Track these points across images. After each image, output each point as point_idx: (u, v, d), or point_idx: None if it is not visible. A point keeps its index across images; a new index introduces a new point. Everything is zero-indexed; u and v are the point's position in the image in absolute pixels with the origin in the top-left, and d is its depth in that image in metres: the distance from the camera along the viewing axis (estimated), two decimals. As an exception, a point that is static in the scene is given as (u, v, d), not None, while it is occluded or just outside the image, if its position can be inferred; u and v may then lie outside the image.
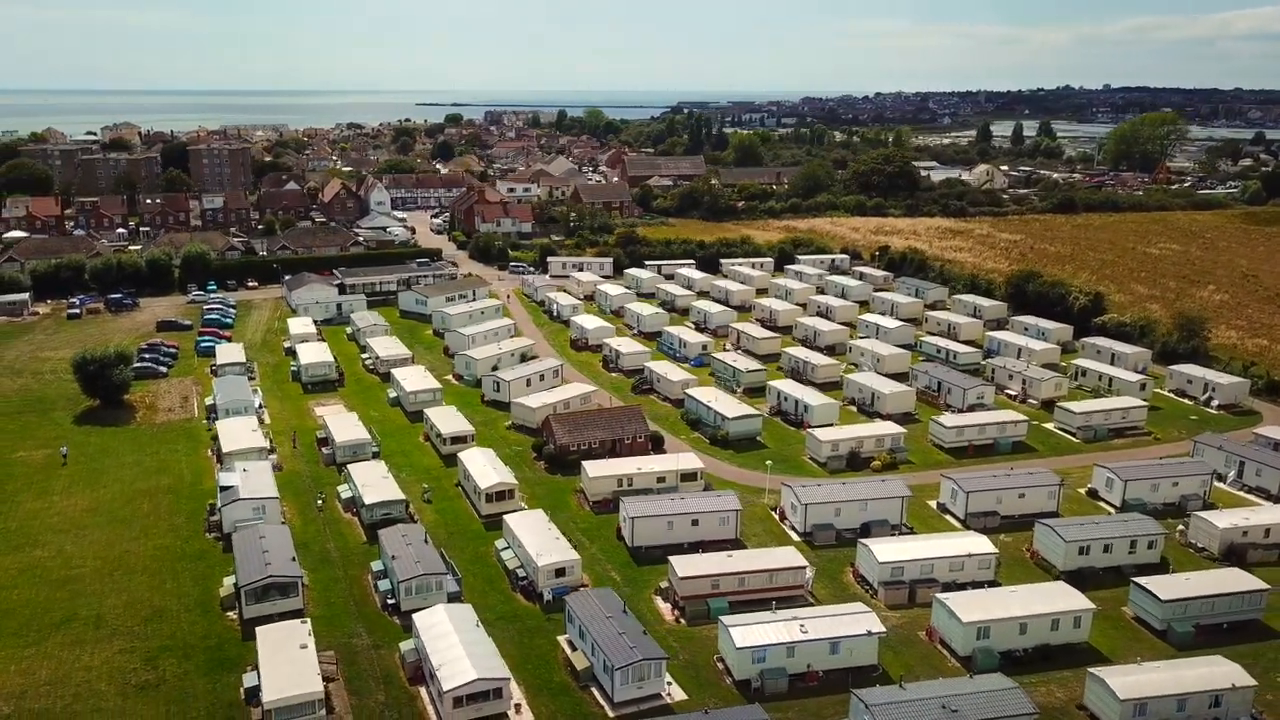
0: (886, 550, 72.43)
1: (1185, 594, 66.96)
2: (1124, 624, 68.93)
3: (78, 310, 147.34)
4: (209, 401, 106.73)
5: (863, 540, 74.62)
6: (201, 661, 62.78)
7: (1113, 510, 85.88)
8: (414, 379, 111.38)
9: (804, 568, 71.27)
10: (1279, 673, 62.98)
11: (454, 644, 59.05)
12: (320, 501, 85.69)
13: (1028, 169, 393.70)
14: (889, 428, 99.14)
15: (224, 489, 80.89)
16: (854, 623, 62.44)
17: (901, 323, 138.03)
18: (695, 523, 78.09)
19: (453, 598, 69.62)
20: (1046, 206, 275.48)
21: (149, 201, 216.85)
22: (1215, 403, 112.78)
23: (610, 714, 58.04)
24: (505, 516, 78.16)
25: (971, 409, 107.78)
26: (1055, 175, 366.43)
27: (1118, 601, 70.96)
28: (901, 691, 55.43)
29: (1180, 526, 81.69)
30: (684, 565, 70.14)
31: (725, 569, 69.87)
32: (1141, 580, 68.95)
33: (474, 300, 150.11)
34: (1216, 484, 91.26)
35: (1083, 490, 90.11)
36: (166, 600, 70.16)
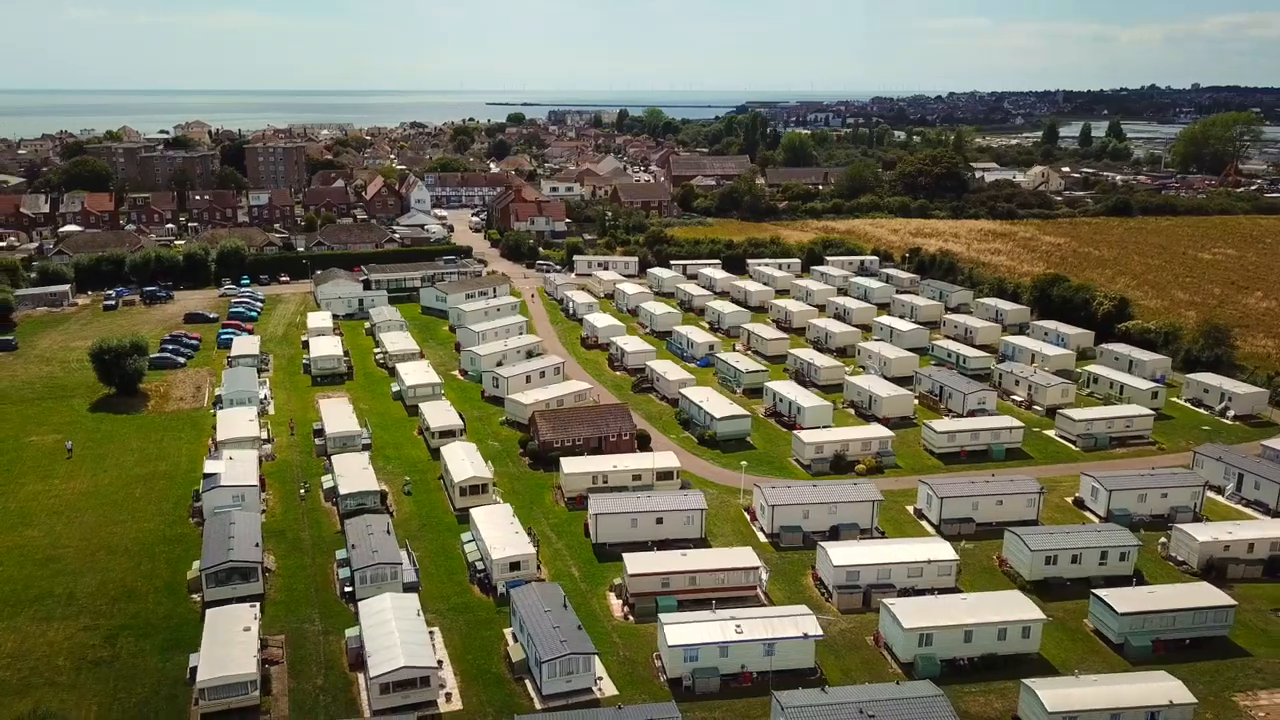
0: (843, 554, 71.77)
1: (1144, 607, 65.14)
2: (1083, 636, 67.32)
3: (113, 302, 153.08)
4: (218, 392, 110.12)
5: (822, 544, 74.04)
6: (158, 641, 65.05)
7: (1097, 520, 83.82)
8: (415, 373, 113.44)
9: (756, 568, 71.01)
10: (1234, 692, 60.95)
11: (390, 632, 60.30)
12: (303, 491, 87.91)
13: (1090, 171, 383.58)
14: (877, 431, 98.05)
15: (207, 476, 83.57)
16: (791, 625, 62.11)
17: (916, 326, 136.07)
18: (660, 521, 78.28)
19: (409, 588, 71.01)
20: (1100, 209, 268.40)
21: (198, 198, 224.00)
22: (1231, 413, 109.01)
23: (538, 706, 58.66)
24: (472, 510, 79.37)
25: (972, 414, 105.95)
26: (1119, 177, 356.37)
27: (1082, 613, 69.33)
28: (823, 695, 55.03)
29: (1163, 539, 79.31)
30: (635, 563, 70.47)
31: (676, 568, 70.01)
32: (1101, 592, 67.27)
33: (494, 297, 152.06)
34: (1215, 497, 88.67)
35: (1070, 500, 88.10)
36: (139, 581, 72.80)
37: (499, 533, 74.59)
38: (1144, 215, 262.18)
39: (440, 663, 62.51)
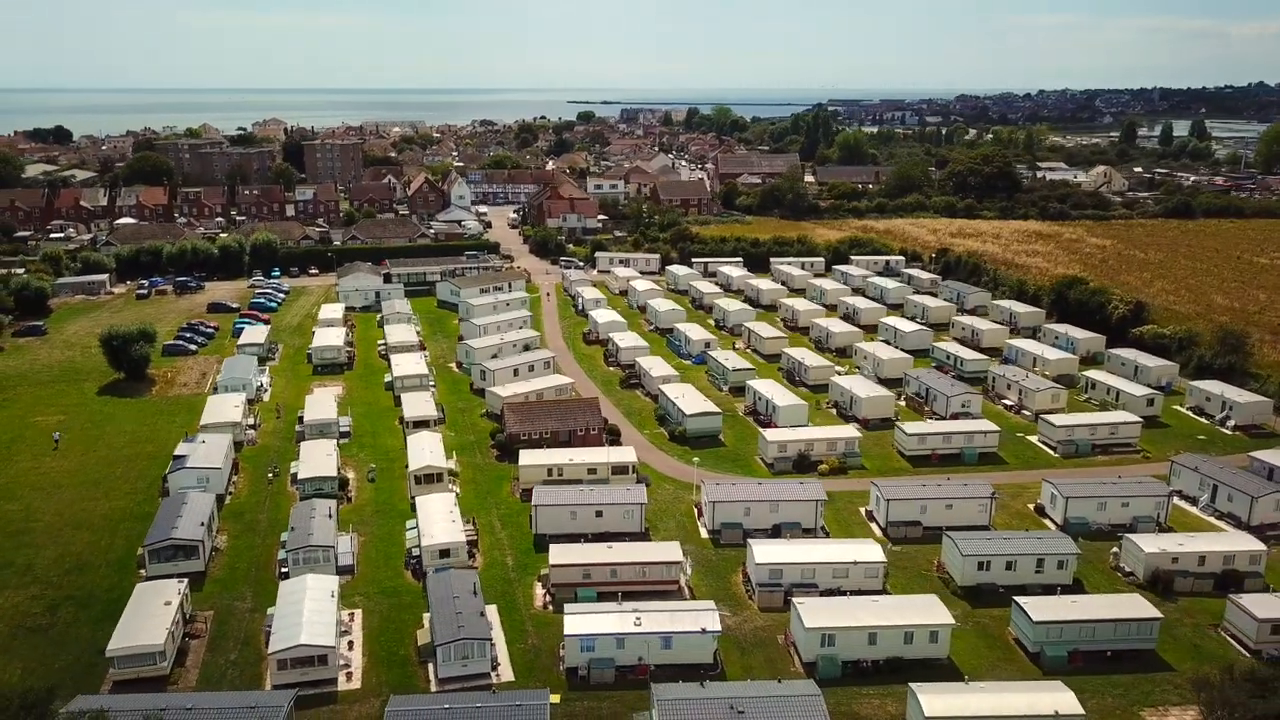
0: (766, 552, 71.60)
1: (1061, 616, 63.57)
2: (1003, 644, 65.96)
3: (146, 291, 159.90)
4: (216, 379, 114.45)
5: (750, 541, 73.97)
6: (96, 612, 68.29)
7: (1054, 528, 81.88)
8: (406, 364, 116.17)
9: (678, 563, 71.28)
10: (1144, 706, 59.18)
11: (298, 611, 62.37)
12: (272, 475, 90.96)
13: (1164, 171, 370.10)
14: (843, 432, 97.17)
15: (176, 457, 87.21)
16: (691, 620, 62.35)
17: (920, 327, 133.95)
18: (599, 514, 79.08)
19: (343, 570, 73.25)
20: (1159, 211, 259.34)
21: (246, 192, 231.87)
22: (1232, 423, 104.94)
23: (433, 688, 60.06)
24: (417, 498, 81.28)
25: (955, 417, 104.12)
26: (1192, 178, 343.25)
27: (1009, 621, 67.97)
28: (700, 689, 55.28)
29: (1114, 549, 77.05)
30: (558, 554, 71.48)
31: (598, 560, 70.76)
32: (1021, 600, 65.84)
33: (509, 292, 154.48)
34: (1189, 508, 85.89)
35: (1032, 506, 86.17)
36: (95, 555, 76.49)
37: (437, 520, 76.29)
38: (1206, 217, 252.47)
39: (351, 643, 64.56)
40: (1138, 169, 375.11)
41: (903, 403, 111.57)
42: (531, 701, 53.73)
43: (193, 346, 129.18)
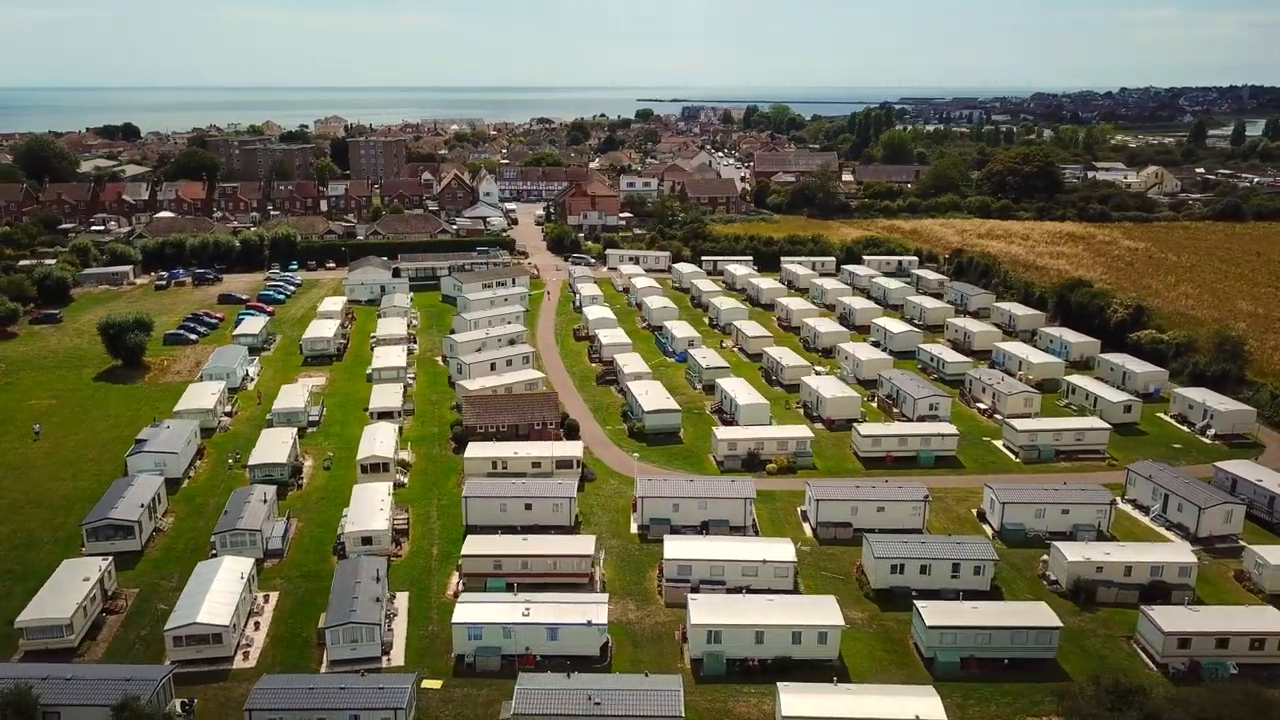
0: (676, 548, 71.95)
1: (955, 622, 62.68)
2: (903, 649, 65.26)
3: (165, 283, 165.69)
4: (204, 366, 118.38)
5: (666, 537, 74.31)
6: (31, 586, 71.00)
7: (991, 533, 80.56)
8: (386, 357, 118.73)
9: (588, 556, 71.91)
10: (1028, 715, 58.11)
11: (203, 591, 64.64)
12: (232, 461, 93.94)
13: (1227, 172, 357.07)
14: (796, 431, 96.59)
15: (137, 441, 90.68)
16: (579, 612, 63.01)
17: (909, 328, 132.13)
18: (529, 507, 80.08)
19: (271, 554, 75.61)
20: (1207, 213, 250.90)
21: (282, 188, 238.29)
22: (1212, 431, 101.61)
23: (322, 669, 61.75)
24: (356, 486, 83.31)
25: (922, 419, 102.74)
26: (1256, 179, 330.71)
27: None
28: (565, 680, 56.00)
29: (1044, 557, 75.48)
30: (471, 544, 72.85)
31: (509, 551, 71.86)
32: (920, 604, 65.06)
33: (511, 288, 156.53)
34: (1140, 517, 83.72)
35: (975, 511, 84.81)
36: (45, 533, 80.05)
37: (366, 508, 78.16)
38: (1258, 220, 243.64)
39: (258, 624, 66.71)
40: (1200, 170, 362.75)
41: (875, 404, 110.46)
42: (395, 685, 55.01)
43: (193, 336, 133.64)
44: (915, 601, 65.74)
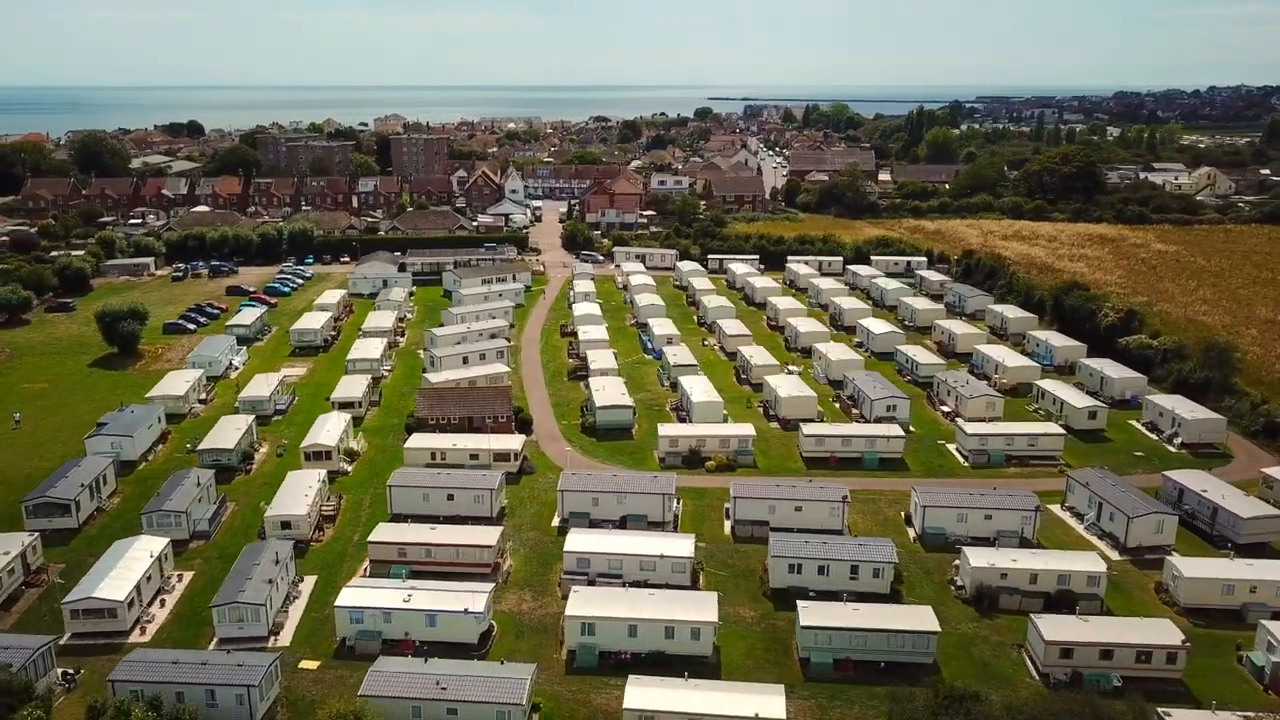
0: (577, 541, 72.73)
1: (830, 623, 62.25)
2: (784, 648, 64.95)
3: (181, 274, 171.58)
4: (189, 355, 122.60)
5: (571, 530, 75.11)
6: (-32, 559, 75.31)
7: (913, 536, 79.63)
8: (363, 349, 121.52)
9: (490, 546, 73.00)
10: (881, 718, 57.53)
11: (109, 568, 67.50)
12: (190, 445, 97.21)
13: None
14: (739, 430, 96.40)
15: (98, 424, 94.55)
16: (458, 601, 64.18)
17: (891, 329, 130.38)
18: (451, 497, 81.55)
19: (199, 535, 78.40)
20: (1255, 215, 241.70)
21: (313, 184, 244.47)
22: (1179, 440, 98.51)
23: (210, 647, 63.94)
24: (290, 473, 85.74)
25: (879, 420, 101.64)
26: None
27: (808, 625, 66.77)
28: (421, 664, 57.31)
29: (956, 563, 74.32)
30: (379, 532, 74.55)
31: (414, 539, 73.40)
32: (801, 604, 64.78)
33: (510, 283, 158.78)
34: (1074, 525, 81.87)
35: (903, 514, 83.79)
36: (0, 509, 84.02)
37: (291, 494, 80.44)
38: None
39: (164, 601, 69.37)
40: (1265, 170, 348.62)
41: (838, 405, 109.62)
42: (253, 663, 56.82)
43: (191, 326, 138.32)
44: (797, 601, 65.46)
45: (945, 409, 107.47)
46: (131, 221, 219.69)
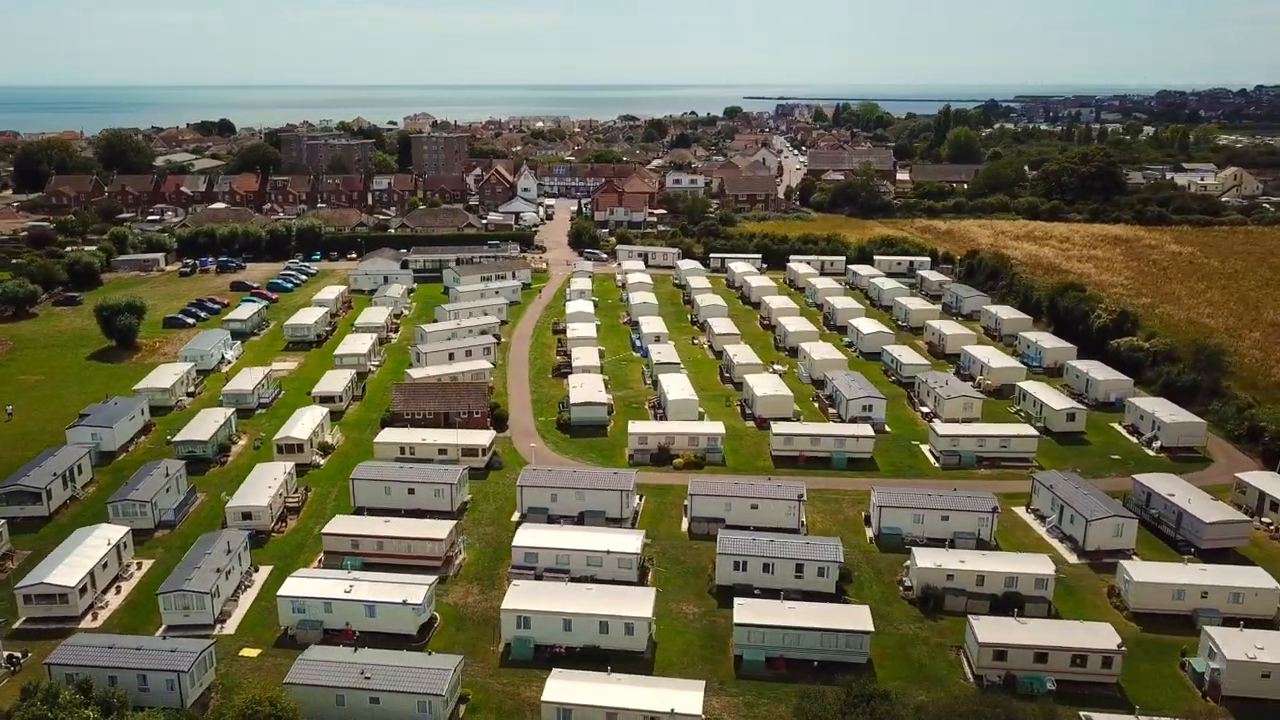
0: (525, 536, 73.34)
1: (763, 621, 62.29)
2: (722, 645, 65.00)
3: (190, 270, 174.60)
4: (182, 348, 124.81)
5: (524, 525, 75.73)
6: (-60, 544, 77.45)
7: (870, 536, 79.38)
8: (351, 344, 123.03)
9: (440, 540, 73.78)
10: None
11: (65, 555, 69.14)
12: (170, 437, 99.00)
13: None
14: (708, 428, 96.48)
15: (81, 415, 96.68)
16: (399, 592, 64.99)
17: (879, 329, 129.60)
18: (411, 491, 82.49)
19: (164, 525, 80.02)
20: (1278, 217, 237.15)
21: (329, 181, 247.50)
22: (1158, 444, 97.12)
23: (157, 634, 65.26)
24: (258, 465, 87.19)
25: (854, 420, 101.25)
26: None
27: (749, 623, 66.81)
28: (350, 653, 58.25)
29: (906, 563, 73.94)
30: (333, 524, 75.66)
31: (366, 531, 74.39)
32: (739, 600, 64.90)
33: (509, 280, 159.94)
34: (1036, 527, 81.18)
35: (864, 514, 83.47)
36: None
37: (256, 485, 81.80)
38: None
39: (120, 589, 70.91)
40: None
41: (816, 404, 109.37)
42: (187, 649, 58.02)
43: (190, 320, 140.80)
44: (735, 599, 65.57)
45: (924, 410, 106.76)
46: (149, 218, 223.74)
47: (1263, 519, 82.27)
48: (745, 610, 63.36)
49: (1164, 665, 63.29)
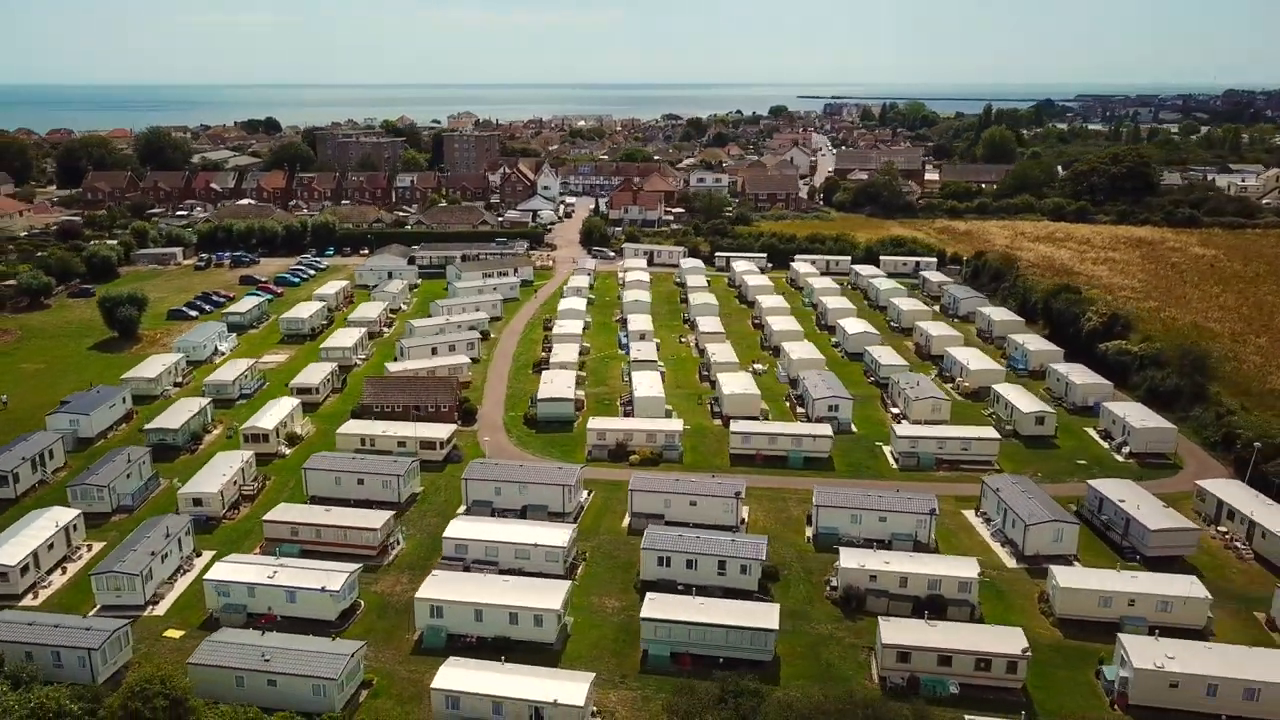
0: (456, 528, 74.49)
1: (668, 616, 62.59)
2: (633, 640, 65.37)
3: (204, 264, 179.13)
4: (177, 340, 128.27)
5: (459, 517, 76.87)
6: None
7: (808, 536, 79.16)
8: (339, 337, 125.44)
9: (374, 530, 75.18)
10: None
11: (13, 536, 71.87)
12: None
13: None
14: (667, 425, 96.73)
15: (62, 403, 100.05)
16: (317, 579, 66.48)
17: (864, 329, 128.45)
18: (361, 482, 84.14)
19: (121, 509, 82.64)
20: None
21: (354, 178, 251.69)
22: (1127, 449, 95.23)
23: (90, 613, 67.53)
24: (219, 453, 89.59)
25: (820, 420, 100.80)
26: None
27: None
28: (256, 636, 59.81)
29: (836, 563, 73.55)
30: (274, 512, 77.54)
31: (305, 520, 76.12)
32: (650, 595, 65.31)
33: (510, 277, 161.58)
34: (982, 530, 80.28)
35: (808, 514, 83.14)
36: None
37: (211, 473, 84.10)
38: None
39: (65, 569, 73.44)
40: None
41: (788, 403, 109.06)
42: (101, 628, 60.05)
43: (194, 313, 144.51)
44: (647, 593, 65.97)
45: (894, 411, 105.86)
46: (179, 213, 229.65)
47: (1219, 528, 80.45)
48: (653, 605, 63.72)
49: (1080, 672, 62.36)
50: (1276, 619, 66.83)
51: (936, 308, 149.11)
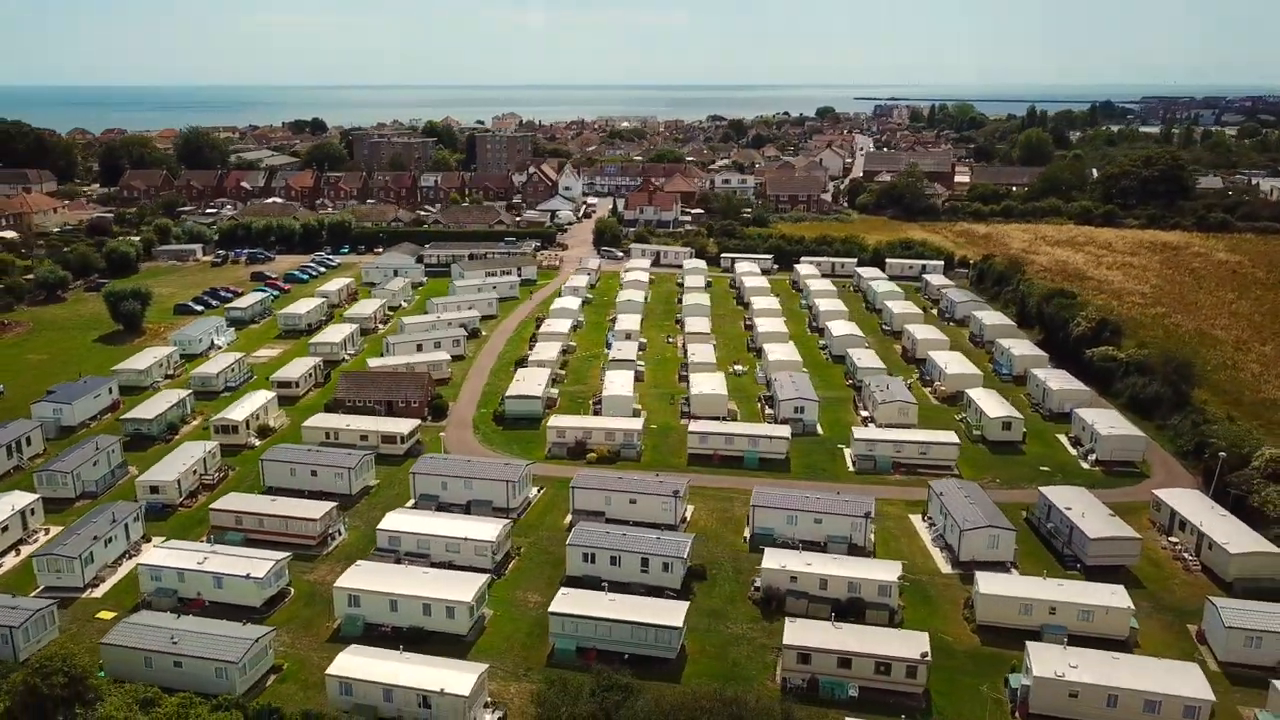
0: (391, 521, 75.85)
1: (576, 611, 63.21)
2: (545, 634, 66.10)
3: (221, 260, 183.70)
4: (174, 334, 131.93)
5: (394, 511, 78.31)
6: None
7: (746, 537, 79.18)
8: (329, 333, 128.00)
9: (314, 520, 76.88)
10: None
11: (-29, 518, 74.91)
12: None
13: None
14: (626, 424, 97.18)
15: (48, 392, 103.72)
16: (245, 566, 68.30)
17: (849, 331, 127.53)
18: (314, 474, 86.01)
19: (86, 495, 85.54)
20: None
21: (379, 178, 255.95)
22: (1093, 456, 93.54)
23: (32, 594, 70.13)
24: (187, 442, 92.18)
25: (785, 421, 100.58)
26: None
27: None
28: (174, 620, 61.62)
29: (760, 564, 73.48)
30: (222, 501, 79.69)
31: (249, 509, 78.16)
32: (563, 590, 66.00)
33: (512, 276, 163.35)
34: (924, 533, 79.65)
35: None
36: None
37: (172, 462, 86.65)
38: None
39: (19, 552, 76.21)
40: None
41: (760, 404, 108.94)
42: (25, 607, 62.46)
43: (199, 308, 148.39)
44: (561, 589, 66.66)
45: (864, 414, 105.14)
46: (208, 211, 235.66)
47: (1170, 539, 78.78)
48: (563, 600, 64.41)
49: (990, 680, 61.63)
50: (1205, 632, 65.35)
51: (935, 311, 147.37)
